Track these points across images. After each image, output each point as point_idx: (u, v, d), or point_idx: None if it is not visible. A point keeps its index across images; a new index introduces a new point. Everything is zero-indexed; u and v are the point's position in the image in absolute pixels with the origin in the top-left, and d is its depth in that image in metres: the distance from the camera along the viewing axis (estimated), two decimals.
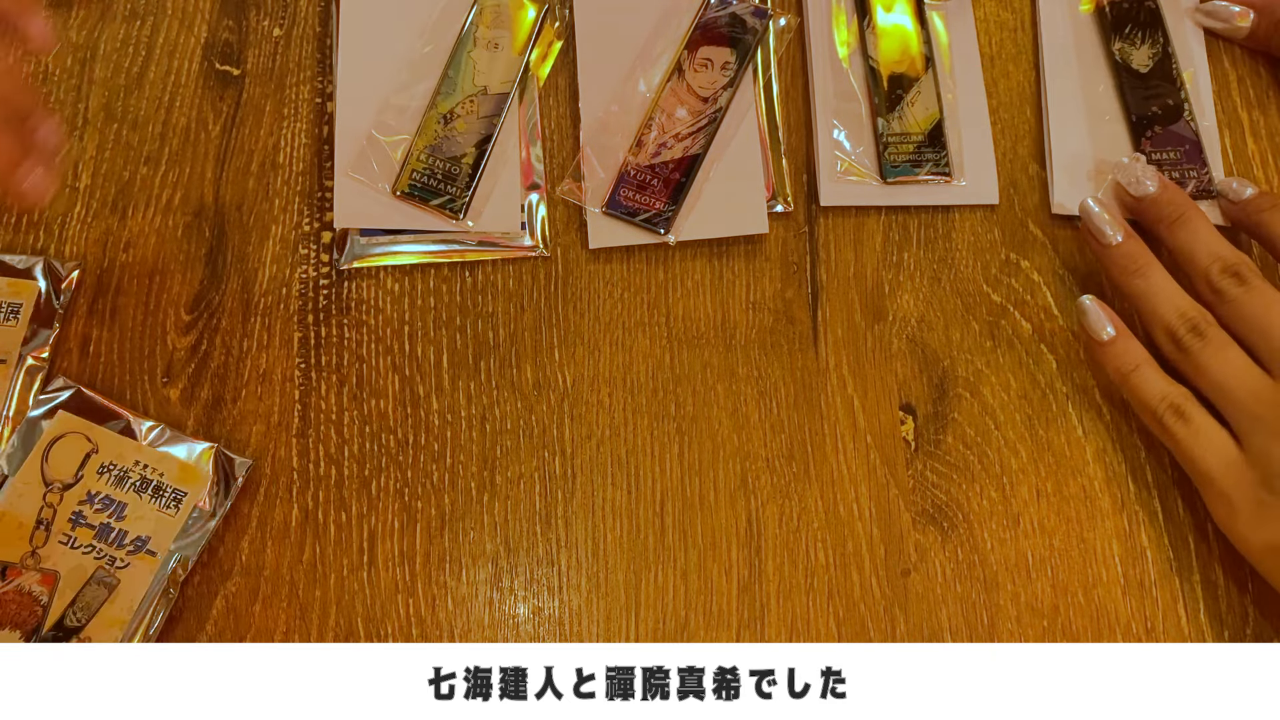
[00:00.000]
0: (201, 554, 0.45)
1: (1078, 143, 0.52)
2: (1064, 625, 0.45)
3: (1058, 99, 0.53)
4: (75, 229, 0.51)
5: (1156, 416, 0.44)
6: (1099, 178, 0.51)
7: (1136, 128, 0.52)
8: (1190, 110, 0.53)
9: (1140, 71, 0.53)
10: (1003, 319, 0.50)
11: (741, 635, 0.45)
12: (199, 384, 0.48)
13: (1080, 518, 0.47)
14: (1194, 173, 0.51)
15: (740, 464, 0.47)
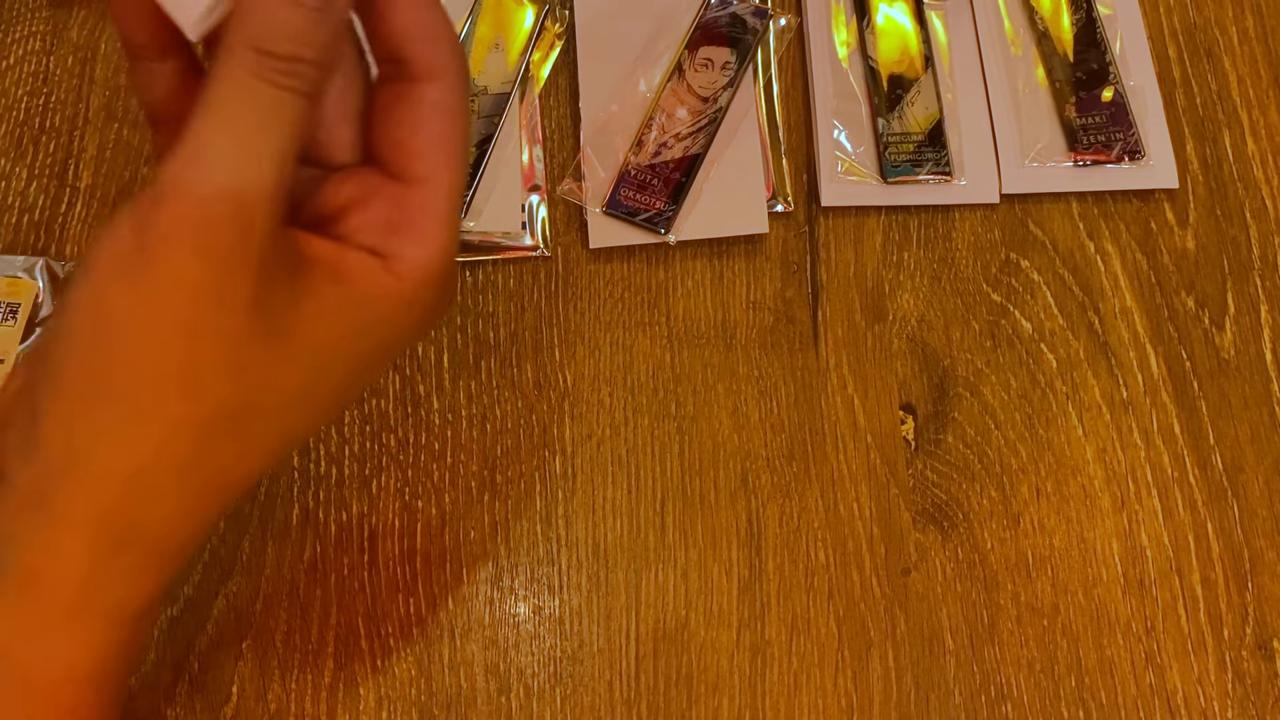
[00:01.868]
0: (203, 553, 0.45)
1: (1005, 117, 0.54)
2: (1064, 625, 0.45)
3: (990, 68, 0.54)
4: (75, 229, 0.51)
5: None
6: (1025, 148, 0.52)
7: (1060, 93, 0.53)
8: (1116, 74, 0.53)
9: (1063, 38, 0.54)
10: (1003, 319, 0.50)
11: (742, 634, 0.45)
12: None
13: (1080, 517, 0.47)
14: (1120, 135, 0.52)
15: (740, 463, 0.47)
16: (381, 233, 0.29)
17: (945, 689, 0.44)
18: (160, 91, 0.30)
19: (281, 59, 0.25)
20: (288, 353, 0.27)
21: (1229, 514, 0.47)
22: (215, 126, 0.25)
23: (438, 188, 0.29)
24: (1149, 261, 0.51)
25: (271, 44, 0.25)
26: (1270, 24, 0.56)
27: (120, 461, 0.26)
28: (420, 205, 0.29)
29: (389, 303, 0.28)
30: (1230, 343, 0.50)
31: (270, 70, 0.25)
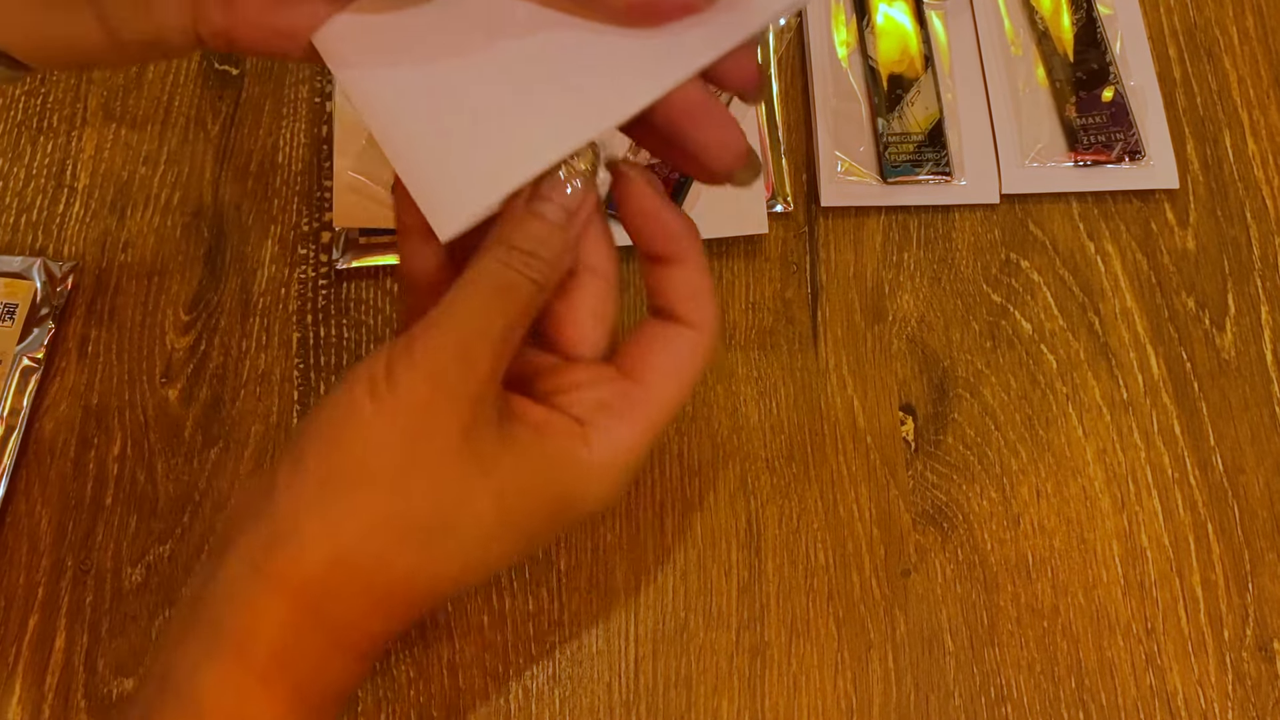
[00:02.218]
0: (201, 553, 0.45)
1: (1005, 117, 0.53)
2: (1064, 626, 0.45)
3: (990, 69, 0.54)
4: (73, 229, 0.51)
5: None
6: (1025, 148, 0.52)
7: (1060, 93, 0.53)
8: (1117, 74, 0.53)
9: (1063, 38, 0.54)
10: (1003, 319, 0.50)
11: (741, 636, 0.45)
12: (197, 384, 0.48)
13: (1080, 518, 0.47)
14: (1120, 135, 0.52)
15: (740, 464, 0.47)
16: (592, 407, 0.33)
17: (945, 690, 0.44)
18: (419, 265, 0.36)
19: (522, 252, 0.32)
20: (485, 485, 0.31)
21: (1229, 515, 0.47)
22: (463, 293, 0.32)
23: (660, 397, 0.34)
24: (1149, 262, 0.51)
25: (516, 241, 0.32)
26: (1271, 24, 0.56)
27: (329, 542, 0.30)
28: (638, 400, 0.34)
29: (577, 469, 0.33)
30: (1231, 343, 0.50)
31: (512, 259, 0.32)
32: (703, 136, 0.34)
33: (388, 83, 0.34)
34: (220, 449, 0.47)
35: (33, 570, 0.45)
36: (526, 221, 0.33)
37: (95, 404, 0.48)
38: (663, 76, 0.33)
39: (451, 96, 0.33)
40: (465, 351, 0.31)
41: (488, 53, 0.33)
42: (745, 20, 0.33)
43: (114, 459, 0.47)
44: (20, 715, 0.43)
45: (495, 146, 0.33)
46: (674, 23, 0.33)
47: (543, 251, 0.32)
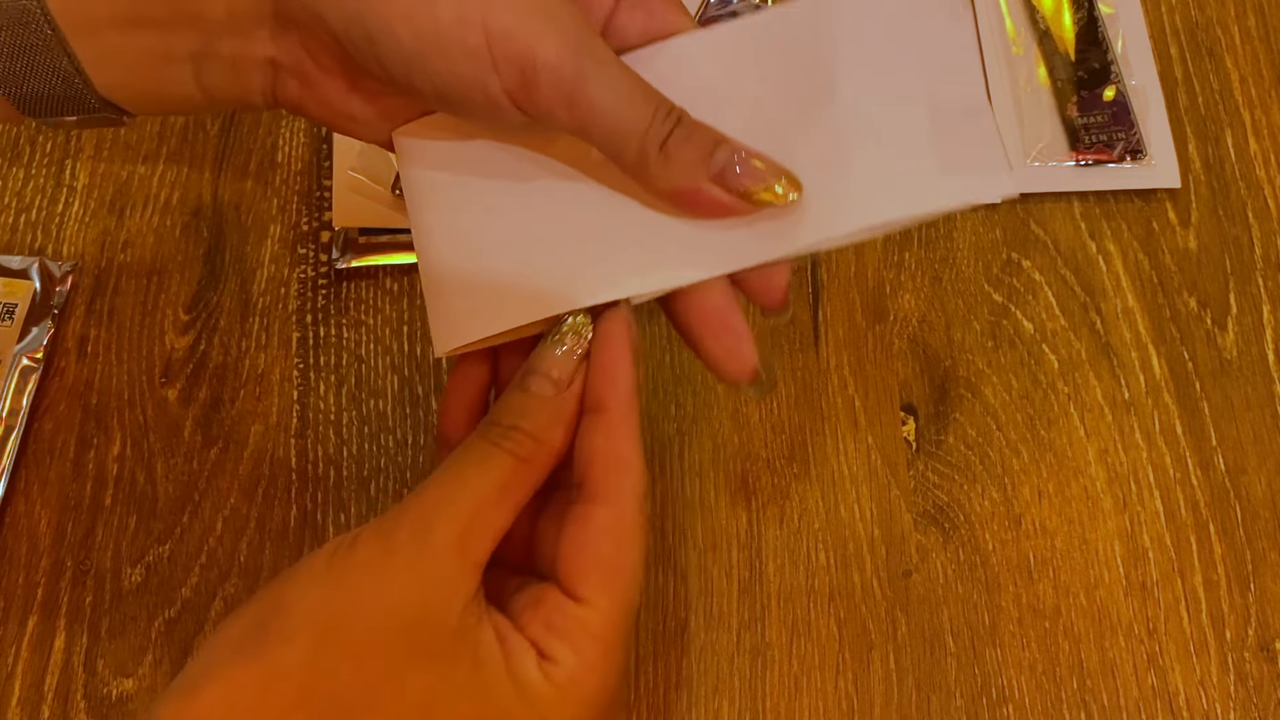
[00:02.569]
0: (200, 554, 0.45)
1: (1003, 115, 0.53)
2: (1066, 626, 0.45)
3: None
4: (73, 228, 0.50)
5: None
6: (1026, 148, 0.53)
7: (1062, 92, 0.53)
8: (1118, 73, 0.53)
9: (1065, 37, 0.54)
10: (1004, 319, 0.50)
11: (742, 637, 0.45)
12: (197, 384, 0.48)
13: (1082, 518, 0.47)
14: (1121, 134, 0.52)
15: (741, 464, 0.47)
16: (544, 632, 0.31)
17: (947, 691, 0.44)
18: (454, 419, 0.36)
19: (502, 426, 0.32)
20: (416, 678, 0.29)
21: (1231, 515, 0.47)
22: (443, 470, 0.31)
23: (600, 609, 0.31)
24: (1151, 261, 0.51)
25: (497, 415, 0.32)
26: (1272, 23, 0.56)
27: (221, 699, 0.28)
28: (580, 621, 0.31)
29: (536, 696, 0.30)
30: (1232, 343, 0.50)
31: (491, 433, 0.31)
32: (713, 345, 0.34)
33: (447, 197, 0.34)
34: (220, 449, 0.47)
35: (32, 570, 0.45)
36: (510, 394, 0.32)
37: (95, 404, 0.47)
38: (690, 267, 0.33)
39: (493, 226, 0.34)
40: (422, 523, 0.30)
41: (539, 196, 0.34)
42: (789, 238, 0.33)
43: (113, 459, 0.47)
44: (20, 716, 0.43)
45: (513, 284, 0.33)
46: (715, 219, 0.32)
47: (524, 424, 0.31)
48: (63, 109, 0.32)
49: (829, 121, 0.33)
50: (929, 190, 0.33)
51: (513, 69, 0.30)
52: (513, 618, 0.31)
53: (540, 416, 0.32)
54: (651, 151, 0.31)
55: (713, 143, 0.32)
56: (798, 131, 0.33)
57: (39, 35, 0.30)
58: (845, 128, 0.33)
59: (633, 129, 0.31)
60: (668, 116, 0.31)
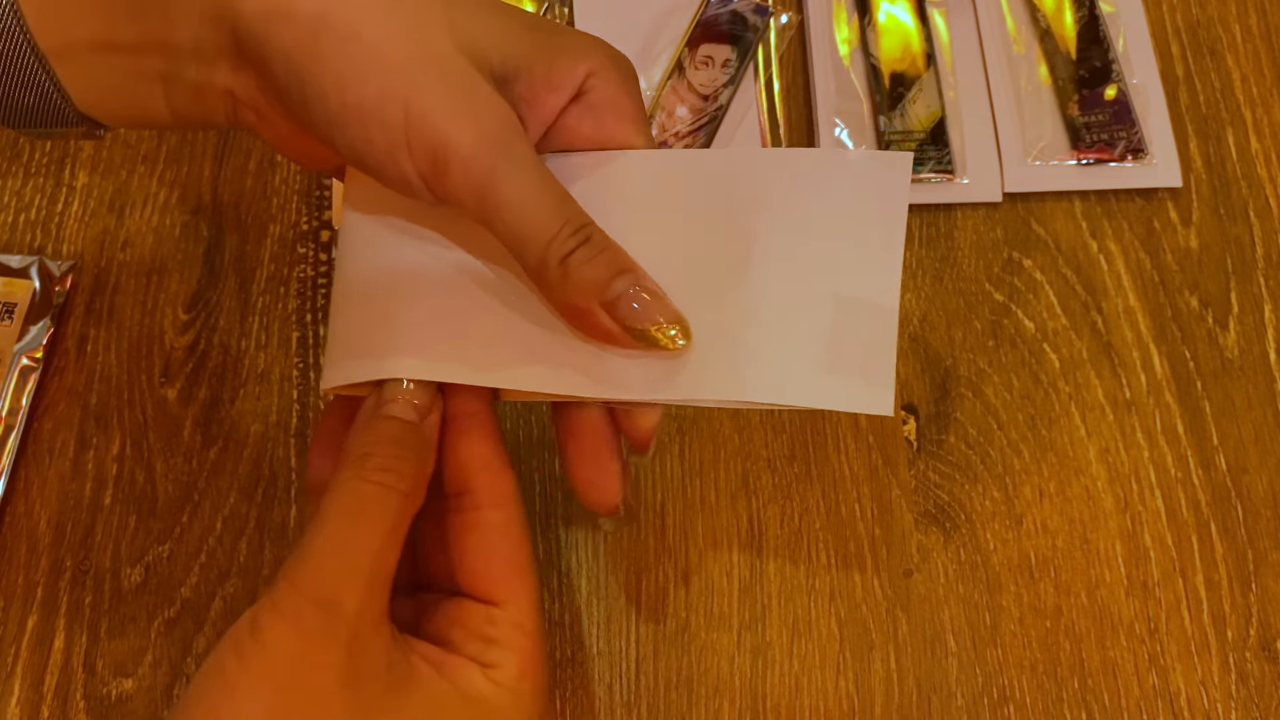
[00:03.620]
0: (199, 554, 0.45)
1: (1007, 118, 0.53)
2: (1067, 626, 0.45)
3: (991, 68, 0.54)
4: (72, 228, 0.50)
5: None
6: (1027, 147, 0.52)
7: (1063, 91, 0.53)
8: (1119, 71, 0.53)
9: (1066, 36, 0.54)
10: (1005, 318, 0.50)
11: (743, 636, 0.45)
12: (197, 384, 0.48)
13: (1083, 518, 0.47)
14: (1123, 133, 0.52)
15: (741, 464, 0.47)
16: (480, 646, 0.32)
17: (948, 691, 0.44)
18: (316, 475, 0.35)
19: (377, 459, 0.31)
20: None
21: (1232, 515, 0.47)
22: (320, 522, 0.30)
23: (520, 605, 0.32)
24: (1152, 260, 0.51)
25: (369, 448, 0.31)
26: (1273, 21, 0.56)
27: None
28: (510, 622, 0.32)
29: (489, 705, 0.31)
30: (1234, 342, 0.50)
31: (369, 471, 0.30)
32: (580, 470, 0.34)
33: (374, 241, 0.35)
34: (219, 449, 0.47)
35: (31, 570, 0.45)
36: (377, 424, 0.32)
37: (94, 403, 0.47)
38: (566, 382, 0.33)
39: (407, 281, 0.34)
40: (330, 593, 0.29)
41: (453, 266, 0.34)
42: (668, 386, 0.32)
43: (113, 459, 0.47)
44: (19, 716, 0.43)
45: (410, 342, 0.33)
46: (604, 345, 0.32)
47: (401, 455, 0.31)
48: (43, 121, 0.33)
49: (739, 281, 0.33)
50: (809, 388, 0.32)
51: (425, 152, 0.30)
52: (438, 641, 0.32)
53: (416, 445, 0.32)
54: (552, 262, 0.31)
55: (616, 270, 0.31)
56: (708, 281, 0.33)
57: (20, 54, 0.31)
58: (752, 293, 0.33)
59: (537, 236, 0.31)
60: (576, 232, 0.31)
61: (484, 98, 0.31)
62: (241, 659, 0.29)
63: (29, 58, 0.31)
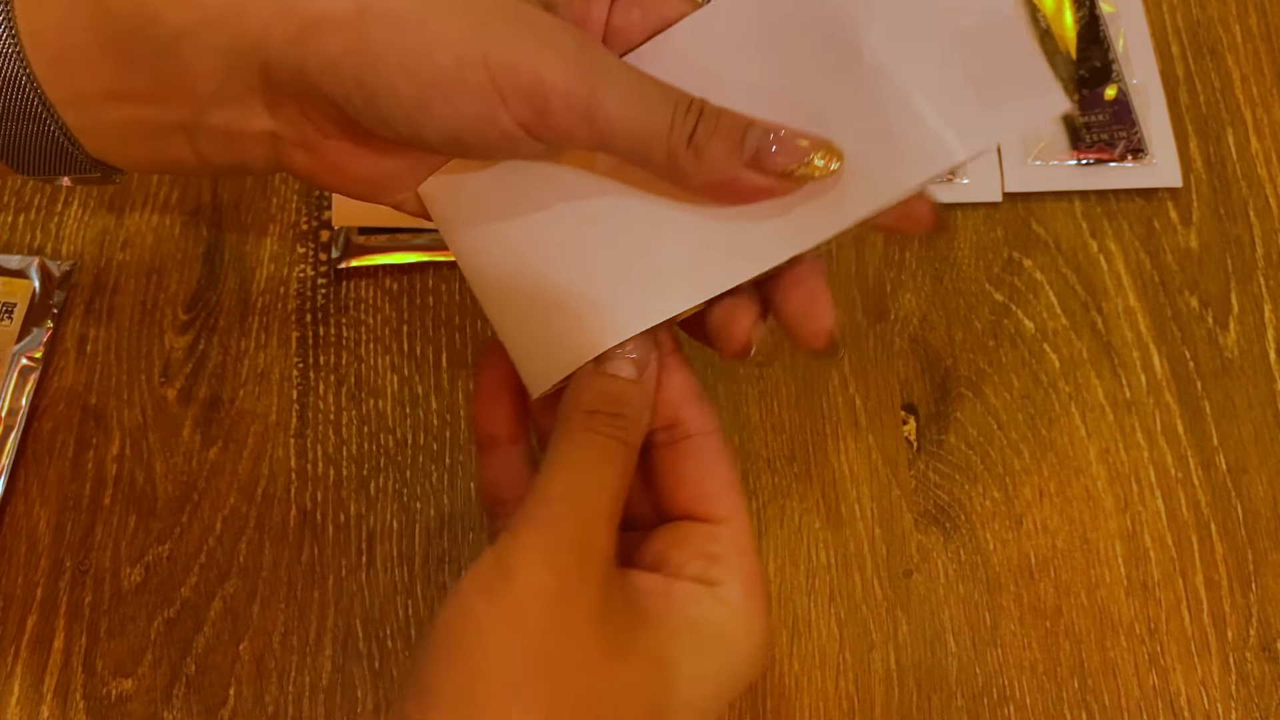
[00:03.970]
0: (199, 554, 0.45)
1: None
2: (1067, 626, 0.45)
3: None
4: (72, 228, 0.50)
5: None
6: (1027, 147, 0.52)
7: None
8: (1119, 71, 0.53)
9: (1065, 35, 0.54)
10: (1005, 318, 0.50)
11: None
12: (196, 383, 0.48)
13: (1083, 518, 0.47)
14: (1123, 133, 0.52)
15: (741, 464, 0.47)
16: (703, 564, 0.32)
17: (948, 691, 0.44)
18: (505, 474, 0.36)
19: (606, 415, 0.32)
20: (631, 666, 0.29)
21: (1232, 515, 0.47)
22: (557, 470, 0.31)
23: (742, 522, 0.33)
24: (1152, 260, 0.51)
25: (597, 405, 0.32)
26: (1274, 21, 0.56)
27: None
28: (732, 539, 0.32)
29: (720, 626, 0.31)
30: (1234, 342, 0.50)
31: (599, 424, 0.31)
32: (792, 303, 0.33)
33: (490, 242, 0.34)
34: (219, 448, 0.47)
35: (31, 570, 0.45)
36: (601, 383, 0.32)
37: (94, 403, 0.47)
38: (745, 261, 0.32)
39: (546, 262, 0.33)
40: (581, 531, 0.30)
41: (580, 220, 0.33)
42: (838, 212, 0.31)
43: (113, 459, 0.47)
44: (19, 716, 0.43)
45: (586, 314, 0.33)
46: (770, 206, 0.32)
47: (626, 410, 0.32)
48: (55, 169, 0.32)
49: (855, 80, 0.31)
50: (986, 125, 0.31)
51: (522, 101, 0.30)
52: (656, 567, 0.32)
53: (636, 398, 0.32)
54: (680, 151, 0.31)
55: (742, 128, 0.31)
56: (825, 96, 0.32)
57: (28, 103, 0.30)
58: (878, 84, 0.31)
59: (656, 132, 0.30)
60: (689, 111, 0.31)
61: (551, 26, 0.30)
62: (491, 600, 0.29)
63: (35, 105, 0.30)
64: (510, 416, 0.35)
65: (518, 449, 0.36)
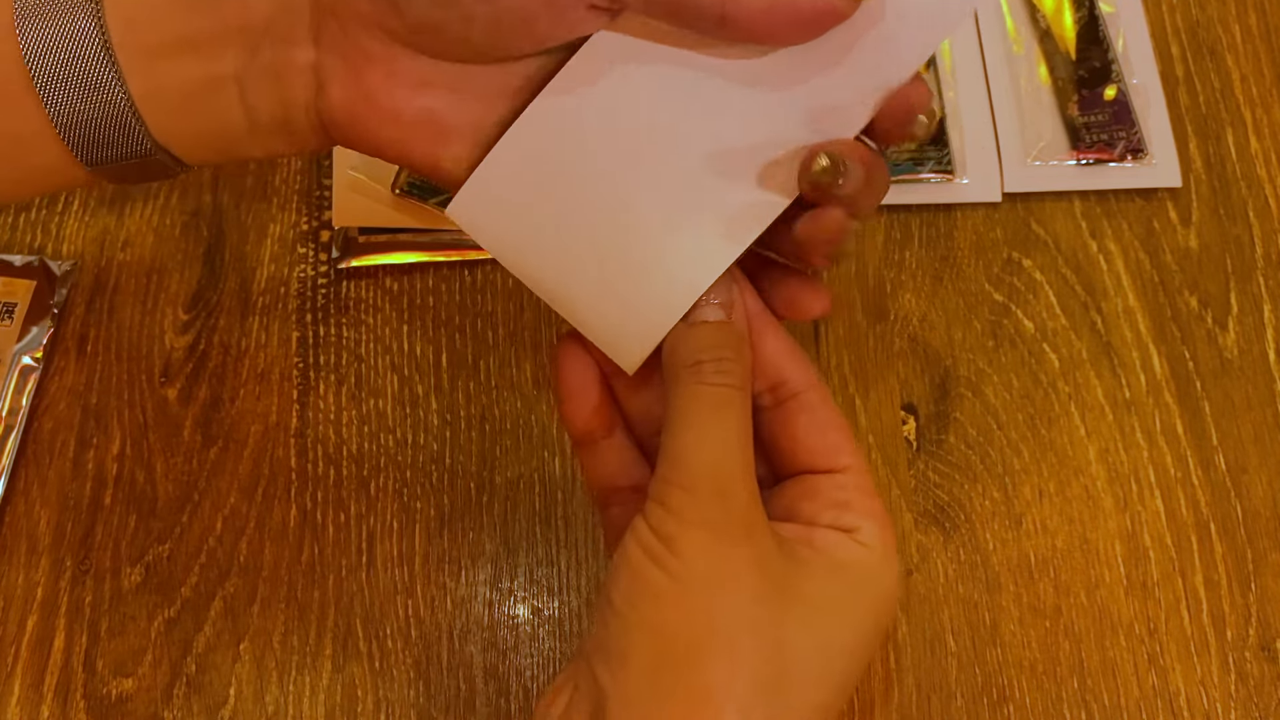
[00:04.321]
0: (199, 554, 0.45)
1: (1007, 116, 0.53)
2: (1066, 626, 0.45)
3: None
4: (72, 227, 0.50)
5: None
6: (1027, 147, 0.52)
7: (1063, 91, 0.53)
8: (1119, 72, 0.53)
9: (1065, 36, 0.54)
10: (1005, 318, 0.50)
11: None
12: (197, 383, 0.48)
13: (1083, 518, 0.47)
14: (1122, 133, 0.52)
15: None
16: (836, 513, 0.33)
17: (947, 691, 0.44)
18: (612, 465, 0.36)
19: (710, 363, 0.32)
20: (796, 616, 0.30)
21: (1232, 514, 0.47)
22: (681, 430, 0.31)
23: (863, 468, 0.34)
24: (1152, 260, 0.51)
25: (699, 354, 0.32)
26: (1273, 21, 0.56)
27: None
28: (858, 486, 0.33)
29: (865, 568, 0.32)
30: (1233, 342, 0.50)
31: (707, 374, 0.32)
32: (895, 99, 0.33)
33: (536, 240, 0.34)
34: (220, 448, 0.47)
35: (32, 570, 0.45)
36: (696, 334, 0.33)
37: (94, 403, 0.47)
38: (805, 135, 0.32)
39: (603, 238, 0.33)
40: (719, 483, 0.31)
41: (628, 186, 0.33)
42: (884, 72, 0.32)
43: (113, 458, 0.47)
44: (19, 715, 0.43)
45: (660, 272, 0.33)
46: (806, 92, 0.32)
47: (727, 353, 0.32)
48: (119, 152, 0.33)
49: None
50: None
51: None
52: (788, 518, 0.33)
53: (735, 342, 0.33)
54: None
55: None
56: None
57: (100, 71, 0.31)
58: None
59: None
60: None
61: None
62: (668, 571, 0.30)
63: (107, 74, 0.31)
64: (600, 409, 0.36)
65: (616, 439, 0.36)
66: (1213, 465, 0.48)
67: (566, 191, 0.33)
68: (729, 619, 0.30)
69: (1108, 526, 0.47)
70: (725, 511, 0.30)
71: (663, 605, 0.30)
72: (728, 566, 0.30)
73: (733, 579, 0.30)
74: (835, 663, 0.31)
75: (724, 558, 0.30)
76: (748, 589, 0.30)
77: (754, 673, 0.29)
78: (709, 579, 0.30)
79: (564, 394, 0.36)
